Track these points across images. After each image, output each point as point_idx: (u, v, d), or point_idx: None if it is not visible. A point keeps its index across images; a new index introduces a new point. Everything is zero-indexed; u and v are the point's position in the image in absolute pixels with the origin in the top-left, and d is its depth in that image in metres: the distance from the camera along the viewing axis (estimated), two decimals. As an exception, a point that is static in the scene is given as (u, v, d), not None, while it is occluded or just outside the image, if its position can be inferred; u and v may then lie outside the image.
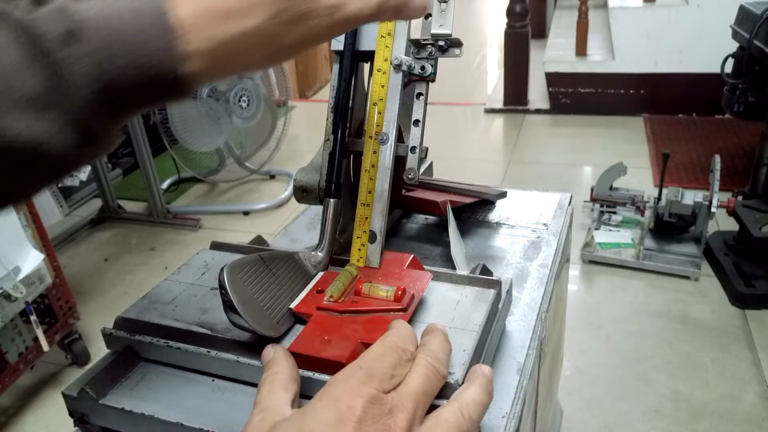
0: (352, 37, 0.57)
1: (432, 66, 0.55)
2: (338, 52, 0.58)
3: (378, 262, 0.57)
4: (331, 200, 0.58)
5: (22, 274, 1.44)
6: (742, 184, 2.24)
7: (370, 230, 0.57)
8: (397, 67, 0.56)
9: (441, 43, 0.55)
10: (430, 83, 0.58)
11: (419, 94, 0.57)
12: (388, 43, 0.56)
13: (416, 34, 0.58)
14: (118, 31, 0.28)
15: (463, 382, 0.40)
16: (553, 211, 0.77)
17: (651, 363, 1.64)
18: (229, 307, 0.46)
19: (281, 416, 0.34)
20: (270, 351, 0.41)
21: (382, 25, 0.56)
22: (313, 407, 0.32)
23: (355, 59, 0.58)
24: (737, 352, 1.65)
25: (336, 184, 0.58)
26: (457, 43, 0.55)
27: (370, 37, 0.57)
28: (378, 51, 0.56)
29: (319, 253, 0.57)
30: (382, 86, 0.56)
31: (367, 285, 0.51)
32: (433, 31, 0.54)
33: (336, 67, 0.59)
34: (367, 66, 0.60)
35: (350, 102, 0.59)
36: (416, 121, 0.58)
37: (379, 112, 0.56)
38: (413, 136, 0.58)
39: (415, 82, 0.58)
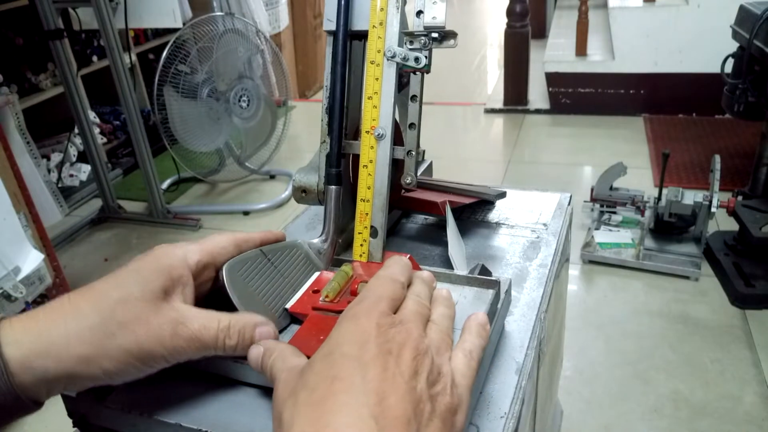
0: (345, 16, 0.57)
1: (426, 57, 0.55)
2: (331, 32, 0.58)
3: (380, 257, 0.57)
4: (333, 187, 0.58)
5: (22, 274, 1.44)
6: (742, 184, 2.24)
7: (371, 225, 0.57)
8: (391, 59, 0.55)
9: (435, 34, 0.54)
10: (425, 78, 0.57)
11: (413, 97, 0.57)
12: (380, 34, 0.55)
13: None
14: None
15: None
16: (553, 211, 0.77)
17: (651, 363, 1.63)
18: (229, 305, 0.46)
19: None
20: (258, 347, 0.43)
21: (373, 15, 0.55)
22: (337, 329, 0.37)
23: (348, 39, 0.57)
24: (737, 352, 1.65)
25: (337, 170, 0.58)
26: (452, 34, 0.55)
27: (363, 16, 0.57)
28: (370, 42, 0.56)
29: (323, 242, 0.57)
30: (377, 79, 0.56)
31: (363, 285, 0.51)
32: (425, 23, 0.54)
33: (328, 66, 0.58)
34: (359, 67, 0.60)
35: (345, 92, 0.58)
36: (411, 125, 0.58)
37: (374, 106, 0.56)
38: (409, 140, 0.58)
39: (409, 80, 0.57)
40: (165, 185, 2.81)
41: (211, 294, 0.49)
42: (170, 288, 0.43)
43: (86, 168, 2.86)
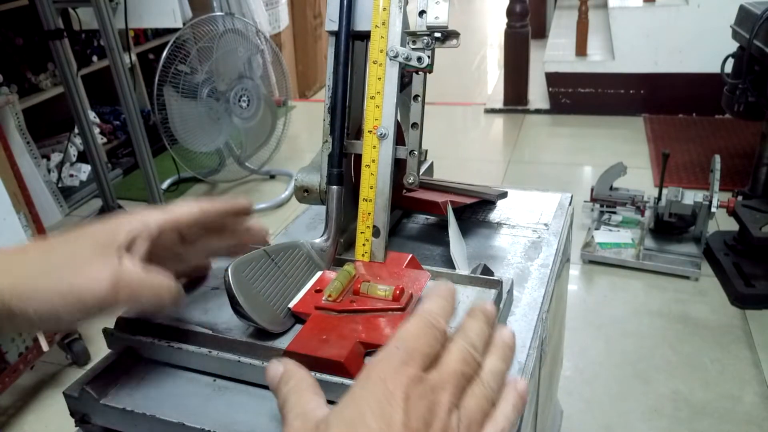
0: (347, 17, 0.57)
1: (429, 57, 0.55)
2: (333, 33, 0.58)
3: (383, 257, 0.57)
4: (334, 188, 0.58)
5: (23, 274, 1.44)
6: (742, 184, 2.24)
7: (374, 225, 0.57)
8: (394, 58, 0.55)
9: (437, 34, 0.54)
10: (427, 78, 0.57)
11: (416, 97, 0.57)
12: (383, 34, 0.55)
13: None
14: None
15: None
16: (554, 211, 0.77)
17: (651, 363, 1.64)
18: (235, 305, 0.47)
19: (323, 415, 0.34)
20: (279, 366, 0.39)
21: (375, 14, 0.55)
22: (362, 387, 0.33)
23: (350, 39, 0.57)
24: (737, 352, 1.65)
25: (338, 170, 0.58)
26: (454, 34, 0.55)
27: (365, 16, 0.57)
28: (373, 42, 0.56)
29: (325, 242, 0.57)
30: (379, 79, 0.56)
31: (366, 284, 0.51)
32: (428, 23, 0.54)
33: (330, 67, 0.58)
34: (361, 67, 0.60)
35: (347, 92, 0.58)
36: (414, 125, 0.58)
37: (377, 106, 0.56)
38: (411, 140, 0.58)
39: (411, 80, 0.57)
40: (165, 185, 2.81)
41: (217, 295, 0.49)
42: (120, 246, 0.44)
43: (86, 168, 2.86)
